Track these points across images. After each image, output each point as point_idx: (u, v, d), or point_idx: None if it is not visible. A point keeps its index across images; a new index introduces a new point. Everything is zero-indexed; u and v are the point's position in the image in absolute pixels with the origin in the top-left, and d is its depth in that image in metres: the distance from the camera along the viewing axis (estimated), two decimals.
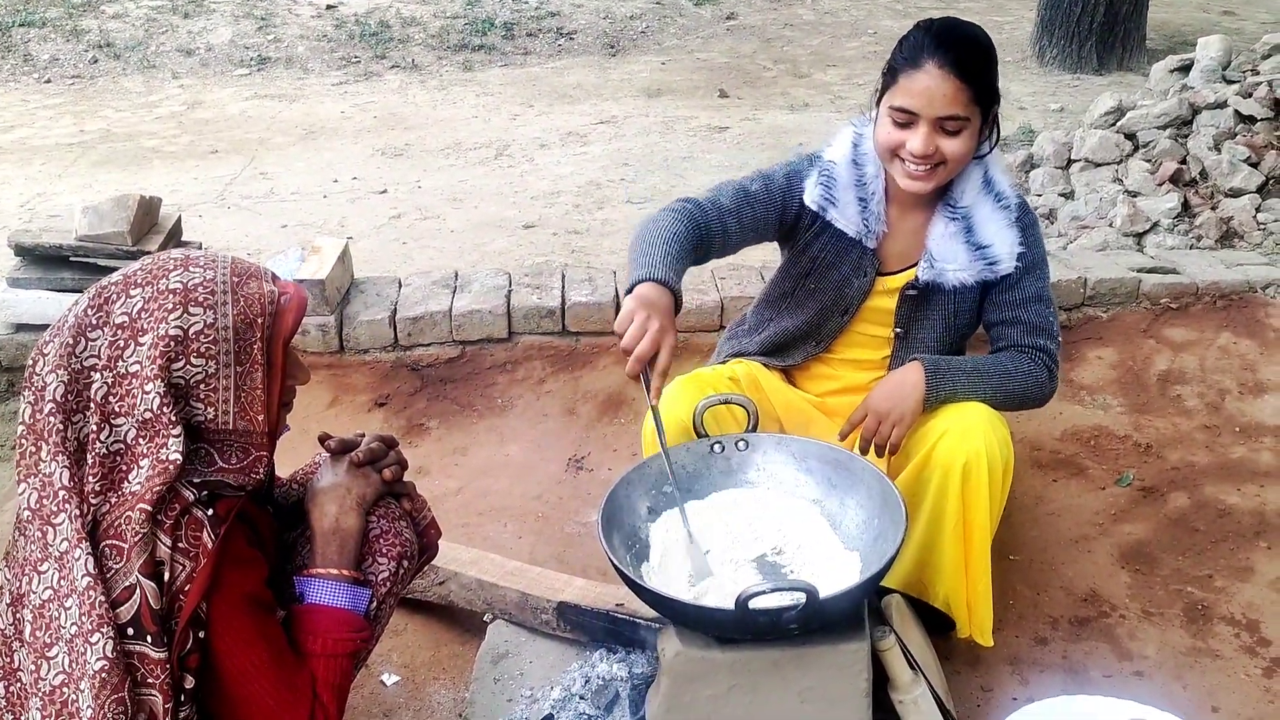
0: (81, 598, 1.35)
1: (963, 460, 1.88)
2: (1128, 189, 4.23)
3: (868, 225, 2.06)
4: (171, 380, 1.39)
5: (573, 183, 5.39)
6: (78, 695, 1.34)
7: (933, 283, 2.05)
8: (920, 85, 1.87)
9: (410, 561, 1.69)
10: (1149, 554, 2.50)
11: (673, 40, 8.69)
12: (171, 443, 1.38)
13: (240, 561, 1.46)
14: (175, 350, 1.39)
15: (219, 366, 1.42)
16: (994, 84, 1.94)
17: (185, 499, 1.40)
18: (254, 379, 1.44)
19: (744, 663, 1.67)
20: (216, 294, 1.43)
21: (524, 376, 3.21)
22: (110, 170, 5.81)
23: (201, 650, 1.41)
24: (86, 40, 8.27)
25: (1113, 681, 2.15)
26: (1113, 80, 7.09)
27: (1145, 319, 3.28)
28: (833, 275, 2.11)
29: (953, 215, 2.03)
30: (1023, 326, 2.05)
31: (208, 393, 1.41)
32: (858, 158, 2.07)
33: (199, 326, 1.40)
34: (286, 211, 5.09)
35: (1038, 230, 2.10)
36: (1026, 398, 2.04)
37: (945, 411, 1.98)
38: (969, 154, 1.96)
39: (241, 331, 1.43)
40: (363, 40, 8.36)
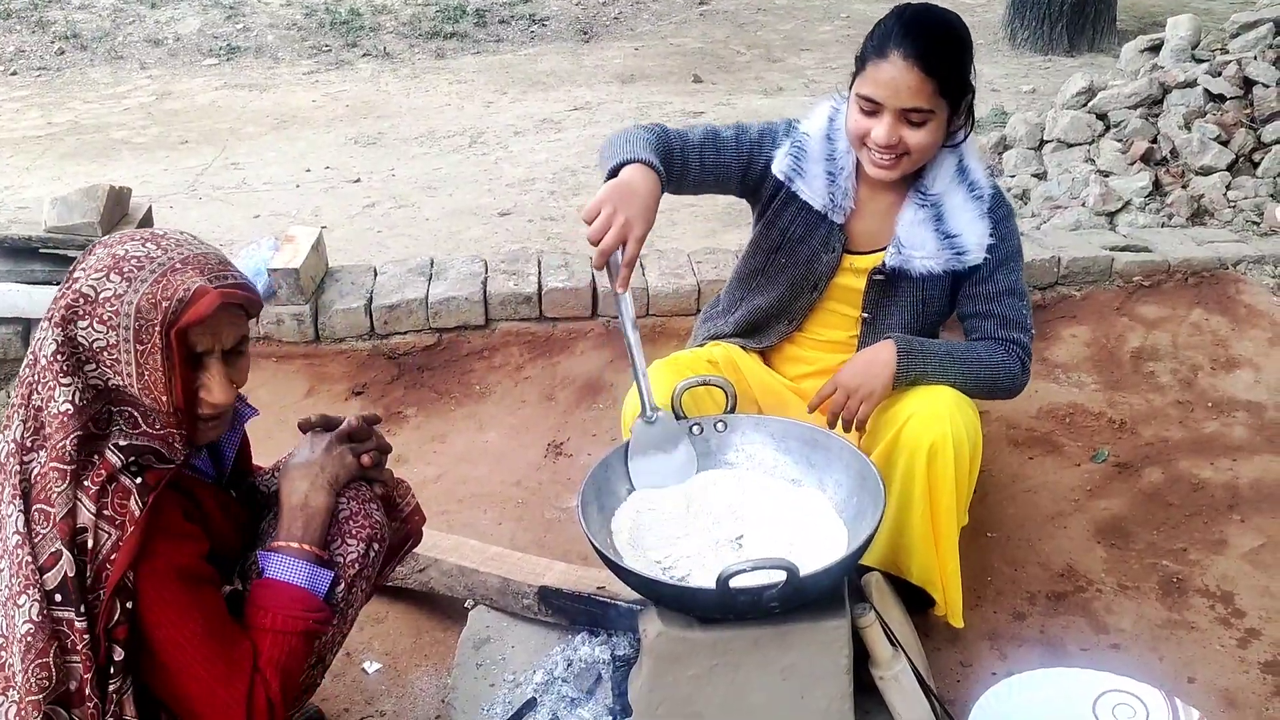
0: (11, 557, 1.35)
1: (929, 442, 1.89)
2: (1100, 169, 4.26)
3: (834, 200, 2.05)
4: (73, 336, 1.39)
5: (548, 169, 5.37)
6: (12, 658, 1.34)
7: (899, 269, 2.05)
8: (885, 76, 1.86)
9: (380, 544, 1.66)
10: (1124, 529, 2.53)
11: (646, 26, 8.66)
12: (60, 393, 1.37)
13: (173, 534, 1.43)
14: (81, 308, 1.38)
15: (119, 339, 1.39)
16: (964, 75, 1.92)
17: (111, 464, 1.38)
18: (154, 360, 1.40)
19: (725, 642, 1.67)
20: (143, 271, 1.41)
21: (502, 363, 3.20)
22: (79, 162, 5.75)
23: (131, 622, 1.38)
24: (53, 31, 8.16)
25: (1090, 655, 2.17)
26: (1084, 61, 7.13)
27: (1118, 297, 3.31)
28: (802, 250, 2.11)
29: (923, 203, 2.02)
30: (996, 320, 2.05)
31: (111, 361, 1.40)
32: (832, 133, 2.06)
33: (109, 294, 1.39)
34: (259, 201, 5.05)
35: (1012, 222, 2.09)
36: (997, 387, 2.04)
37: (914, 394, 1.98)
38: (934, 145, 1.95)
39: (144, 310, 1.39)
40: (333, 28, 8.29)
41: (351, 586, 1.61)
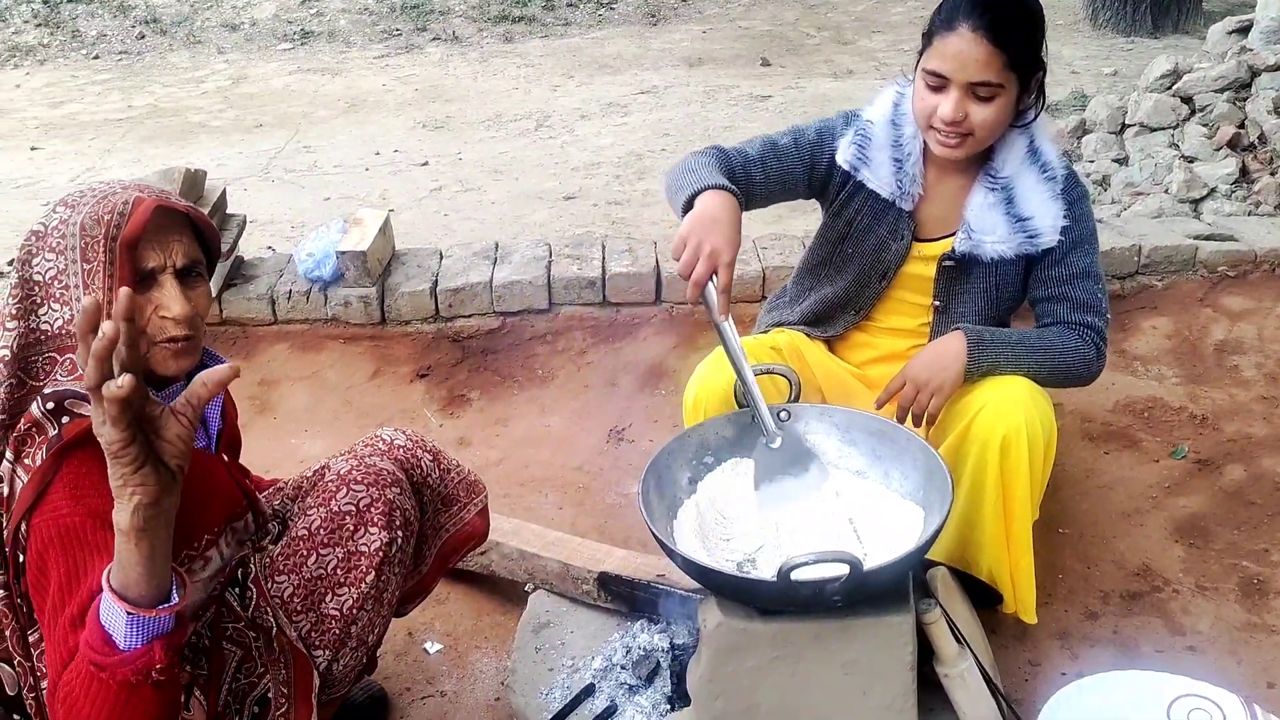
0: None
1: (1002, 434, 1.83)
2: (1184, 154, 4.11)
3: (901, 186, 2.00)
4: (28, 277, 1.38)
5: (613, 154, 5.35)
6: None
7: (970, 254, 1.99)
8: (953, 49, 1.80)
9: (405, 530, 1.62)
10: (1203, 528, 2.44)
11: (714, 9, 8.59)
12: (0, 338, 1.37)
13: (76, 490, 1.31)
14: (34, 245, 1.39)
15: (67, 263, 1.38)
16: (1035, 50, 1.85)
17: (34, 416, 1.34)
18: (97, 279, 1.37)
19: (786, 634, 1.64)
20: (85, 197, 1.41)
21: (564, 347, 3.20)
22: (157, 145, 5.87)
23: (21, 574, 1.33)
24: (133, 16, 8.35)
25: (1165, 657, 2.10)
26: (1168, 43, 6.90)
27: (1202, 287, 3.19)
28: (869, 239, 2.07)
29: (993, 185, 1.96)
30: (1070, 303, 1.98)
31: (60, 290, 1.38)
32: (897, 118, 2.01)
33: (55, 222, 1.39)
34: (329, 184, 5.11)
35: (1087, 203, 2.01)
36: (1072, 375, 1.97)
37: (985, 384, 1.92)
38: (1000, 124, 1.88)
39: (88, 228, 1.37)
40: (404, 13, 8.36)
41: (380, 573, 1.60)
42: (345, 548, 1.59)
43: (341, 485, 1.63)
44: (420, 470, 1.74)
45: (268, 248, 4.12)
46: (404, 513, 1.65)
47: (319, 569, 1.58)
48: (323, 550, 1.59)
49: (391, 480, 1.66)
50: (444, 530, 1.80)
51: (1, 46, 8.00)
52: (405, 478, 1.69)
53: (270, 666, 1.51)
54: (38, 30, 8.18)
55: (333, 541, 1.59)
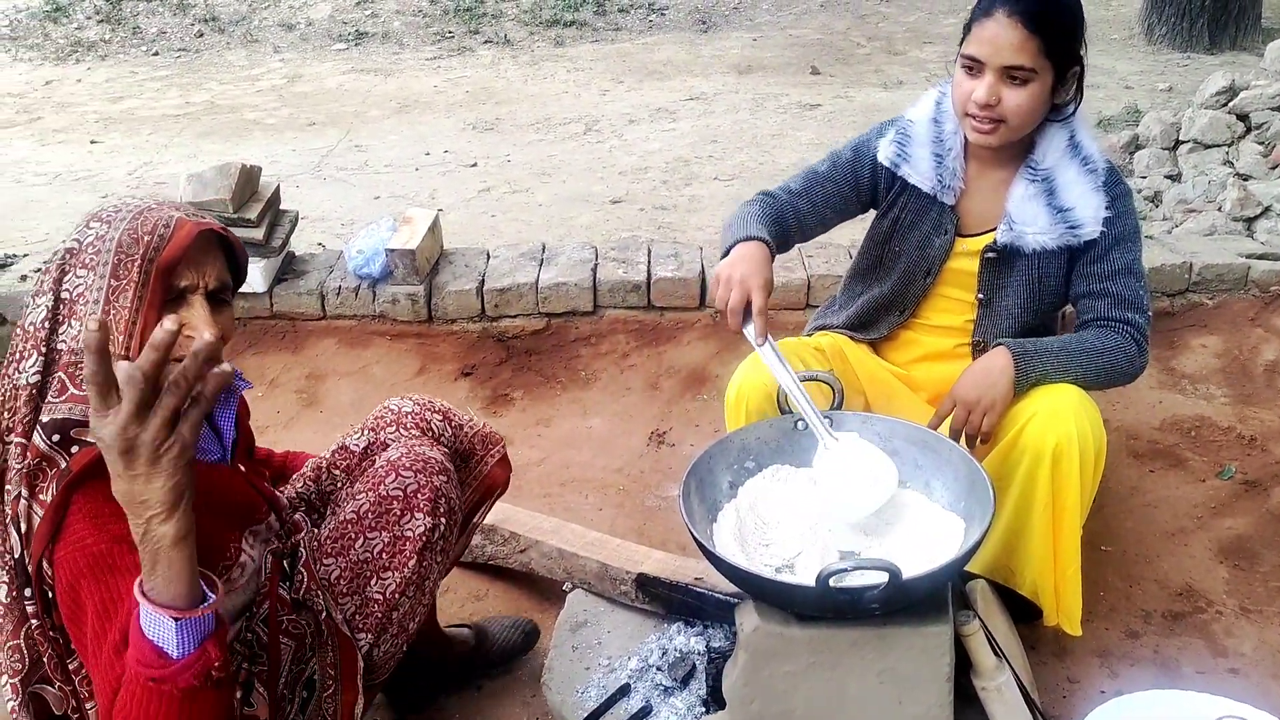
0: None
1: (1053, 443, 1.83)
2: (1238, 172, 4.05)
3: (942, 180, 2.04)
4: (60, 294, 1.35)
5: (661, 159, 5.37)
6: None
7: (1012, 246, 2.01)
8: (989, 33, 1.85)
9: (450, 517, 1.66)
10: (1249, 549, 2.41)
11: (765, 16, 8.59)
12: (30, 364, 1.33)
13: (99, 519, 1.30)
14: (68, 261, 1.36)
15: (95, 278, 1.34)
16: (1072, 41, 1.89)
17: (38, 448, 1.31)
18: (124, 297, 1.34)
19: (823, 641, 1.65)
20: (120, 214, 1.38)
21: (608, 350, 3.22)
22: (213, 141, 5.98)
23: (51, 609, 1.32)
24: (193, 14, 8.51)
25: (1206, 678, 2.08)
26: (1225, 59, 6.80)
27: (1254, 307, 3.15)
28: (913, 235, 2.09)
29: (1033, 177, 1.98)
30: (1110, 299, 1.98)
31: (79, 306, 1.34)
32: (938, 115, 2.06)
33: (90, 238, 1.36)
34: (380, 183, 5.18)
35: (1129, 200, 2.02)
36: (1117, 373, 1.97)
37: (1034, 394, 1.92)
38: (1034, 111, 1.90)
39: (125, 246, 1.35)
40: (457, 15, 8.44)
41: (423, 558, 1.63)
42: (391, 531, 1.63)
43: (390, 471, 1.67)
44: (432, 431, 1.80)
45: (318, 244, 4.19)
46: (448, 500, 1.69)
47: (365, 552, 1.62)
48: (369, 534, 1.63)
49: (439, 468, 1.70)
50: (466, 486, 1.86)
51: (64, 42, 8.19)
52: (453, 467, 1.73)
53: (318, 650, 1.54)
54: (99, 26, 8.36)
55: (379, 525, 1.63)
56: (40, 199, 4.99)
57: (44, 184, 5.25)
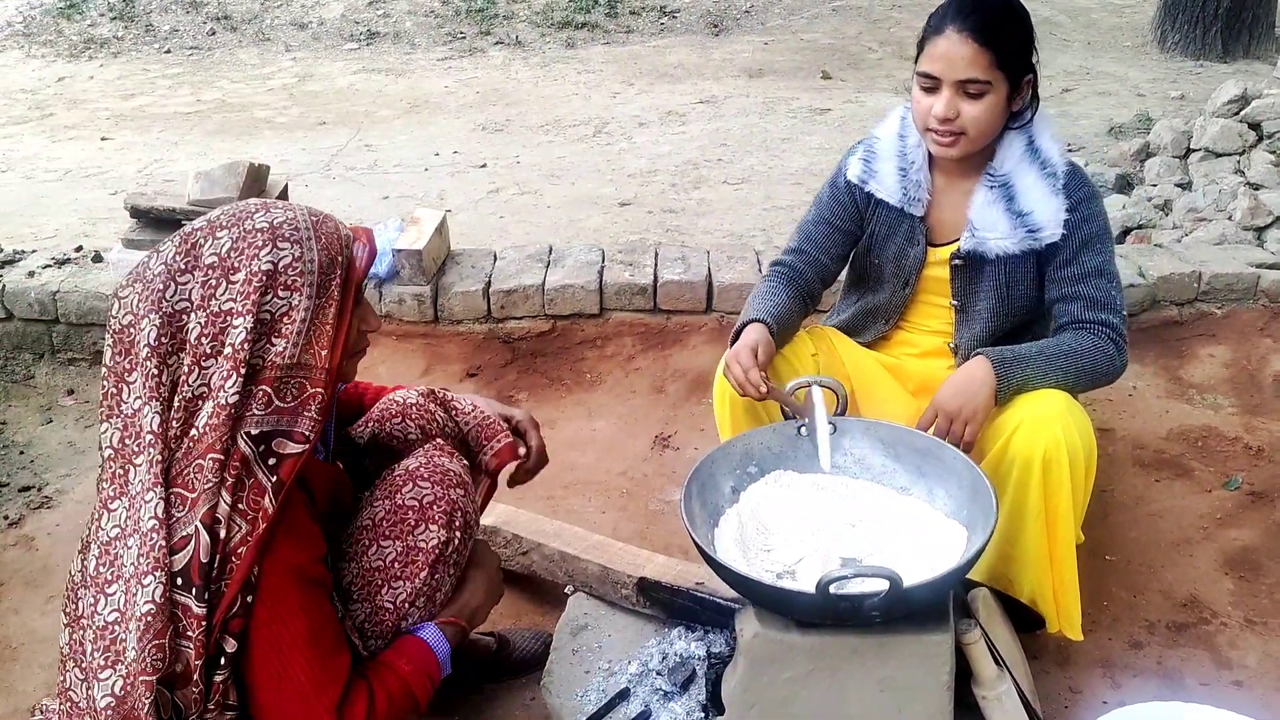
0: (144, 539, 1.37)
1: (1042, 451, 1.83)
2: (1249, 181, 4.04)
3: (908, 192, 2.10)
4: (260, 315, 1.41)
5: (670, 162, 5.37)
6: (126, 635, 1.37)
7: (976, 252, 2.05)
8: (941, 50, 1.91)
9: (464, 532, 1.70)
10: (1255, 561, 2.40)
11: (777, 20, 8.58)
12: (231, 384, 1.38)
13: (297, 534, 1.46)
14: (267, 283, 1.41)
15: (300, 299, 1.43)
16: (1023, 51, 1.94)
17: (243, 454, 1.39)
18: (327, 314, 1.45)
19: (823, 648, 1.64)
20: (301, 230, 1.46)
21: (614, 353, 3.22)
22: (224, 139, 6.00)
23: (246, 616, 1.41)
24: (205, 12, 8.54)
25: (1210, 690, 2.06)
26: (1238, 68, 6.77)
27: (1263, 317, 3.13)
28: (889, 248, 2.16)
29: (992, 184, 2.02)
30: (1084, 301, 2.00)
31: (285, 325, 1.42)
32: (903, 130, 2.12)
33: (288, 260, 1.43)
34: (389, 183, 5.19)
35: (1095, 202, 2.03)
36: (1098, 374, 1.98)
37: (1019, 402, 1.93)
38: (992, 122, 1.95)
39: (325, 266, 1.46)
40: (469, 16, 8.45)
41: (435, 570, 1.65)
42: (405, 541, 1.63)
43: (408, 480, 1.68)
44: (436, 424, 1.85)
45: None
46: (464, 515, 1.69)
47: (378, 560, 1.63)
48: (383, 542, 1.64)
49: (457, 481, 1.70)
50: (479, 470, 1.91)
51: (77, 38, 8.22)
52: (470, 481, 1.75)
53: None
54: (112, 24, 8.39)
55: (394, 534, 1.63)
56: (50, 195, 5.01)
57: (54, 180, 5.27)
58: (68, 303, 3.32)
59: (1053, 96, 6.38)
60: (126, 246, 3.25)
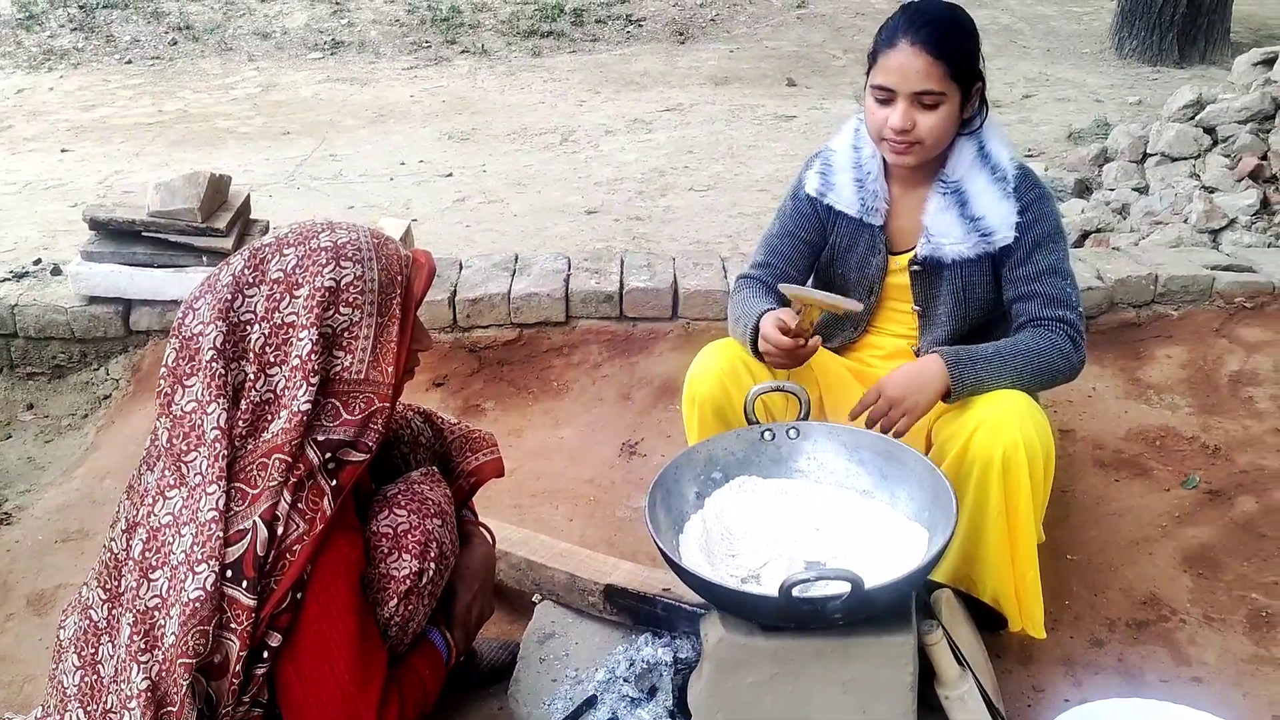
0: (201, 529, 1.42)
1: (1001, 452, 1.86)
2: (1205, 184, 4.11)
3: (865, 203, 2.13)
4: (323, 329, 1.48)
5: (637, 169, 5.39)
6: (166, 620, 1.41)
7: (932, 258, 2.08)
8: (895, 63, 1.93)
9: (440, 563, 1.70)
10: (1213, 558, 2.43)
11: (742, 28, 8.63)
12: (303, 393, 1.46)
13: (348, 529, 1.53)
14: (329, 299, 1.48)
15: (363, 316, 1.51)
16: (973, 60, 1.98)
17: (311, 461, 1.46)
18: (390, 332, 1.53)
19: (787, 651, 1.66)
20: (363, 251, 1.53)
21: (580, 360, 3.22)
22: (186, 150, 5.95)
23: (294, 612, 1.46)
24: (167, 22, 8.46)
25: (1170, 686, 2.09)
26: (1194, 73, 6.89)
27: (1218, 318, 3.19)
28: (851, 258, 2.19)
29: (944, 190, 2.06)
30: (1040, 299, 2.03)
31: (350, 340, 1.50)
32: (857, 142, 2.15)
33: (349, 278, 1.50)
34: (354, 193, 5.17)
35: (1047, 203, 2.07)
36: (1055, 372, 2.00)
37: (979, 403, 1.95)
38: (946, 130, 1.99)
39: (385, 286, 1.53)
40: (434, 25, 8.44)
41: (406, 601, 1.64)
42: (376, 569, 1.63)
43: (385, 507, 1.68)
44: (411, 430, 1.88)
45: None
46: (440, 545, 1.69)
47: None
48: None
49: (435, 511, 1.70)
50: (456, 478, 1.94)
51: (36, 50, 8.13)
52: (451, 511, 1.76)
53: None
54: (72, 35, 8.31)
55: (367, 560, 1.62)
56: (9, 208, 4.95)
57: (13, 193, 5.21)
58: (26, 316, 3.28)
59: (1014, 103, 6.47)
60: (85, 259, 3.21)
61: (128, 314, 3.29)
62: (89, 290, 3.24)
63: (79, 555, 2.58)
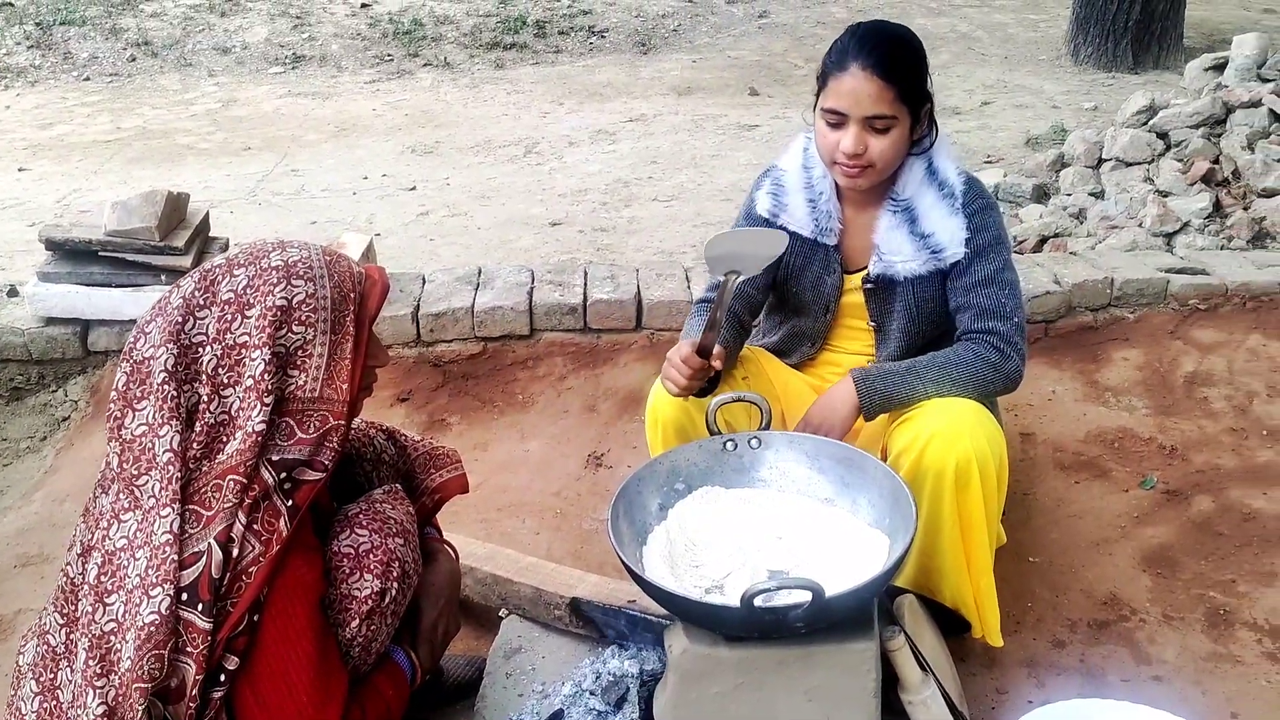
0: (155, 551, 1.41)
1: (954, 464, 1.87)
2: (1159, 189, 4.17)
3: (819, 223, 2.13)
4: (275, 348, 1.47)
5: (601, 180, 5.40)
6: (122, 645, 1.40)
7: (884, 275, 2.09)
8: (846, 87, 1.93)
9: (402, 583, 1.68)
10: (1171, 558, 2.47)
11: (704, 38, 8.68)
12: (258, 414, 1.45)
13: (306, 550, 1.52)
14: (281, 318, 1.48)
15: (316, 334, 1.51)
16: (921, 83, 1.99)
17: (266, 482, 1.45)
18: (344, 349, 1.53)
19: (751, 661, 1.66)
20: (315, 269, 1.53)
21: (545, 373, 3.22)
22: (145, 167, 5.90)
23: (251, 634, 1.45)
24: (125, 38, 8.39)
25: (1130, 686, 2.12)
26: (1148, 79, 7.00)
27: (1173, 320, 3.24)
28: (807, 277, 2.18)
29: (895, 208, 2.07)
30: (974, 311, 2.04)
31: (303, 359, 1.50)
32: (807, 162, 2.15)
33: (301, 296, 1.50)
34: (316, 208, 5.14)
35: (991, 214, 2.08)
36: (984, 382, 2.00)
37: (930, 414, 1.95)
38: (898, 153, 2.00)
39: (338, 303, 1.53)
40: (396, 38, 8.42)
41: (369, 621, 1.62)
42: (338, 589, 1.61)
43: (346, 527, 1.66)
44: (373, 448, 1.87)
45: None
46: (403, 564, 1.67)
47: None
48: None
49: (397, 530, 1.69)
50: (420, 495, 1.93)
51: None
52: (414, 530, 1.75)
53: None
54: (29, 52, 8.21)
55: (328, 580, 1.61)
56: None
57: None
58: None
59: (973, 109, 6.55)
60: (42, 280, 3.18)
61: (86, 335, 3.25)
62: (46, 311, 3.20)
63: (39, 580, 2.55)
